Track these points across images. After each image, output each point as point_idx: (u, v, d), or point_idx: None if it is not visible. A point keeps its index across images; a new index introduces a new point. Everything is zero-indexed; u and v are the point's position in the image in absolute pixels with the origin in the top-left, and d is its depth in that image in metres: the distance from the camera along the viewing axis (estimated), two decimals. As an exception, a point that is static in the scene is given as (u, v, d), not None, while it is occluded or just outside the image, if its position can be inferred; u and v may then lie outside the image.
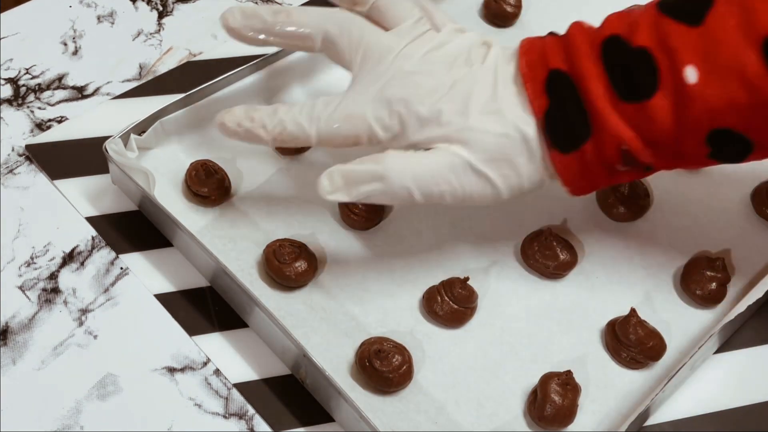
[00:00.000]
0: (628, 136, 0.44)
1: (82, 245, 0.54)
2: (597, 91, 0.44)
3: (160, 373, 0.49)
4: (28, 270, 0.52)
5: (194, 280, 0.53)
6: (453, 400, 0.48)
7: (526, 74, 0.46)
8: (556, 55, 0.46)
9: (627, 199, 0.56)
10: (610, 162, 0.46)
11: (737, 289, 0.54)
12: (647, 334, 0.49)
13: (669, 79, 0.43)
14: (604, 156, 0.45)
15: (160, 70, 0.64)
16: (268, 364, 0.49)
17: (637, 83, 0.44)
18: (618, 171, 0.46)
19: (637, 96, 0.44)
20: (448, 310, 0.50)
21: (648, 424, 0.49)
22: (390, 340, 0.48)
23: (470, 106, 0.46)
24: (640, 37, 0.44)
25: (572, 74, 0.45)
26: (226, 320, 0.51)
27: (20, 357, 0.49)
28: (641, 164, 0.46)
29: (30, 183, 0.56)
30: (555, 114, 0.45)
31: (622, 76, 0.44)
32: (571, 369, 0.48)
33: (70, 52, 0.64)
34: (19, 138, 0.59)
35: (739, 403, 0.50)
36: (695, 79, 0.42)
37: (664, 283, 0.54)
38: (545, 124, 0.45)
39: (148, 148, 0.57)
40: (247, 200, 0.56)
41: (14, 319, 0.50)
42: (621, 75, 0.44)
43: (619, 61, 0.44)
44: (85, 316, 0.51)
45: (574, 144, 0.45)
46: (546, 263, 0.53)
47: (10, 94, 0.61)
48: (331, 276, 0.53)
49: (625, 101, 0.44)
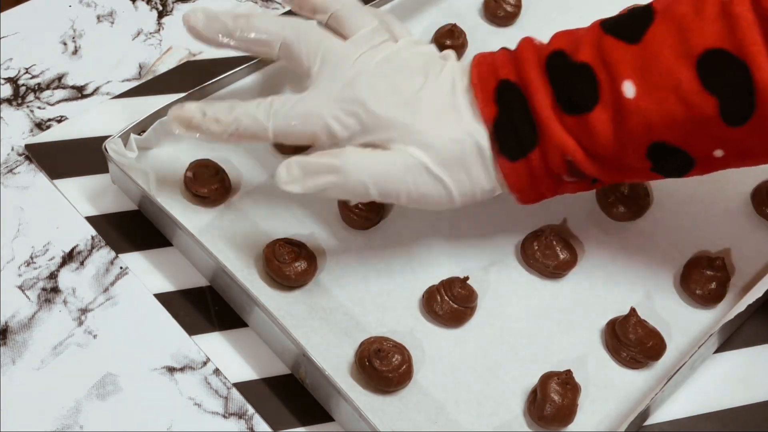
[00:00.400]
0: (572, 147, 0.46)
1: (82, 245, 0.54)
2: (543, 101, 0.46)
3: (159, 373, 0.49)
4: (28, 269, 0.52)
5: (194, 279, 0.52)
6: (453, 400, 0.48)
7: (476, 84, 0.47)
8: (505, 66, 0.47)
9: (627, 199, 0.56)
10: (556, 172, 0.47)
11: (737, 288, 0.54)
12: (647, 333, 0.49)
13: (608, 93, 0.44)
14: (550, 165, 0.47)
15: (160, 69, 0.64)
16: (268, 364, 0.49)
17: (579, 96, 0.45)
18: (564, 181, 0.48)
19: (579, 109, 0.45)
20: (447, 310, 0.50)
21: (648, 423, 0.49)
22: (390, 340, 0.48)
23: (427, 111, 0.47)
24: (582, 53, 0.46)
25: (520, 84, 0.47)
26: (226, 320, 0.51)
27: (20, 356, 0.49)
28: (587, 176, 0.47)
29: (30, 183, 0.56)
30: (504, 121, 0.46)
31: (564, 89, 0.46)
32: (571, 369, 0.48)
33: (70, 52, 0.64)
34: (19, 138, 0.59)
35: (739, 402, 0.50)
36: (633, 93, 0.44)
37: (664, 283, 0.54)
38: (494, 131, 0.47)
39: (148, 148, 0.57)
40: (247, 200, 0.56)
41: (14, 318, 0.50)
42: (564, 88, 0.46)
43: (562, 74, 0.46)
44: (84, 315, 0.51)
45: (521, 151, 0.47)
46: (546, 263, 0.53)
47: (10, 93, 0.61)
48: (331, 276, 0.53)
49: (567, 114, 0.46)
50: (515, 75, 0.47)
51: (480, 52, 0.50)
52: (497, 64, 0.48)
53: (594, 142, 0.46)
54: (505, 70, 0.47)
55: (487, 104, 0.47)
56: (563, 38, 0.47)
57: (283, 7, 0.69)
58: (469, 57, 0.64)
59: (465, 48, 0.65)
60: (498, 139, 0.47)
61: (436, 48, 0.52)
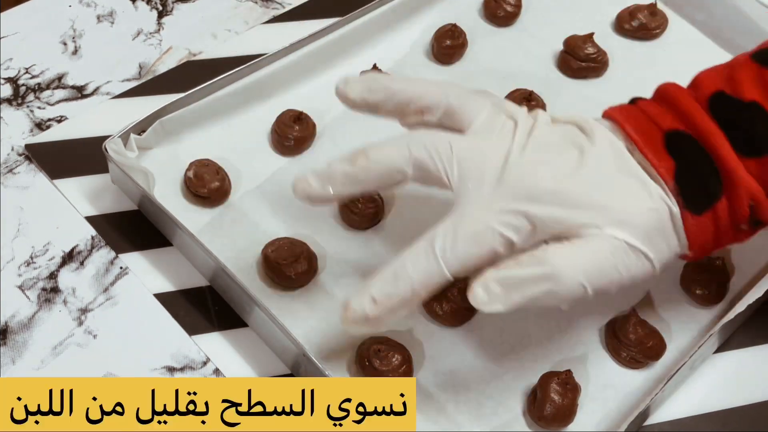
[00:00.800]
0: (757, 191, 0.42)
1: (82, 245, 0.54)
2: (724, 146, 0.42)
3: (159, 373, 0.49)
4: (28, 269, 0.52)
5: (194, 279, 0.52)
6: (453, 400, 0.48)
7: (638, 141, 0.43)
8: (665, 116, 0.44)
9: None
10: (738, 220, 0.43)
11: (737, 288, 0.54)
12: (647, 333, 0.50)
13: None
14: (737, 213, 0.43)
15: (160, 69, 0.64)
16: (268, 364, 0.49)
17: (756, 137, 0.42)
18: (741, 230, 0.44)
19: (758, 151, 0.42)
20: (448, 310, 0.50)
21: (648, 423, 0.49)
22: (390, 340, 0.48)
23: (606, 183, 0.42)
24: (747, 92, 0.43)
25: (694, 133, 0.43)
26: (226, 320, 0.51)
27: (20, 356, 0.49)
28: (762, 223, 0.44)
29: (30, 182, 0.56)
30: (685, 174, 0.42)
31: (739, 131, 0.43)
32: (571, 369, 0.48)
33: (70, 52, 0.64)
34: (19, 137, 0.59)
35: (739, 402, 0.50)
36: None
37: (664, 283, 0.54)
38: (677, 185, 0.42)
39: (147, 148, 0.57)
40: (247, 200, 0.56)
41: (14, 318, 0.50)
42: (739, 130, 0.43)
43: (731, 116, 0.43)
44: (84, 315, 0.51)
45: (707, 203, 0.43)
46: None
47: (10, 93, 0.61)
48: (331, 276, 0.53)
49: (747, 157, 0.42)
50: (683, 124, 0.43)
51: (610, 108, 0.45)
52: (653, 116, 0.44)
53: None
54: (668, 120, 0.43)
55: (663, 159, 0.42)
56: (713, 78, 0.44)
57: (282, 7, 0.69)
58: (470, 57, 0.65)
59: (465, 48, 0.65)
60: (681, 193, 0.42)
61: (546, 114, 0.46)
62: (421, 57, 0.65)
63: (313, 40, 0.61)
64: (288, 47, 0.60)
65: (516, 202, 0.41)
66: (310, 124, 0.59)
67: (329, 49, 0.62)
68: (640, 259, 0.42)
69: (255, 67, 0.59)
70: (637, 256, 0.42)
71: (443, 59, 0.65)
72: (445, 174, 0.43)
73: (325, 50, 0.62)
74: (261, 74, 0.60)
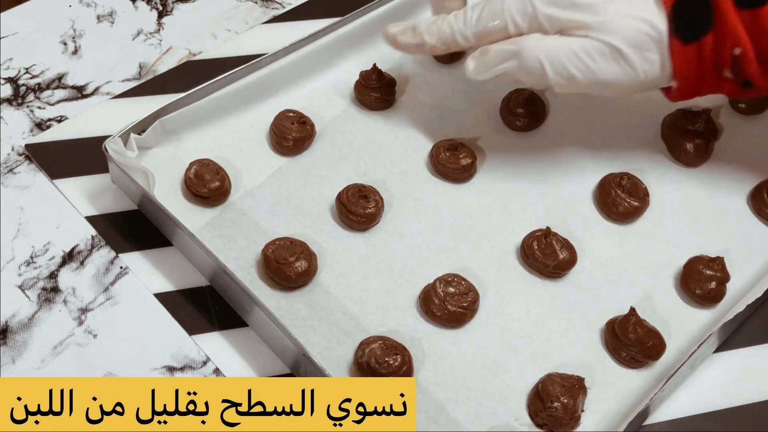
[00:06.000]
0: (744, 40, 0.48)
1: (82, 244, 0.54)
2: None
3: (159, 372, 0.49)
4: (28, 269, 0.52)
5: (194, 279, 0.53)
6: (453, 400, 0.48)
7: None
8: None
9: (629, 195, 0.56)
10: (721, 63, 0.49)
11: (737, 288, 0.54)
12: (647, 333, 0.50)
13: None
14: (719, 54, 0.49)
15: (160, 69, 0.64)
16: (268, 364, 0.49)
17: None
18: (723, 79, 0.50)
19: (753, 2, 0.47)
20: (445, 312, 0.50)
21: (647, 423, 0.49)
22: (390, 340, 0.48)
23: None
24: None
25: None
26: (226, 319, 0.51)
27: (20, 356, 0.49)
28: (744, 76, 0.49)
29: (30, 182, 0.56)
30: (682, 4, 0.49)
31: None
32: (571, 368, 0.48)
33: (70, 52, 0.64)
34: (19, 137, 0.59)
35: (739, 402, 0.50)
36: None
37: (664, 283, 0.54)
38: (672, 12, 0.48)
39: (147, 148, 0.57)
40: (247, 200, 0.56)
41: (14, 318, 0.50)
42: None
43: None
44: (84, 315, 0.51)
45: (695, 35, 0.49)
46: (546, 262, 0.53)
47: (10, 93, 0.61)
48: (331, 276, 0.53)
49: (742, 8, 0.47)
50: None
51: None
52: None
53: (764, 39, 0.47)
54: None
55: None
56: None
57: (282, 7, 0.69)
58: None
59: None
60: (675, 20, 0.48)
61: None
62: (421, 56, 0.65)
63: (313, 40, 0.62)
64: (288, 47, 0.60)
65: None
66: (309, 124, 0.59)
67: (329, 49, 0.63)
68: (621, 64, 0.49)
69: (255, 67, 0.60)
70: (618, 61, 0.49)
71: (444, 58, 0.65)
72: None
73: (325, 50, 0.62)
74: (261, 74, 0.60)
